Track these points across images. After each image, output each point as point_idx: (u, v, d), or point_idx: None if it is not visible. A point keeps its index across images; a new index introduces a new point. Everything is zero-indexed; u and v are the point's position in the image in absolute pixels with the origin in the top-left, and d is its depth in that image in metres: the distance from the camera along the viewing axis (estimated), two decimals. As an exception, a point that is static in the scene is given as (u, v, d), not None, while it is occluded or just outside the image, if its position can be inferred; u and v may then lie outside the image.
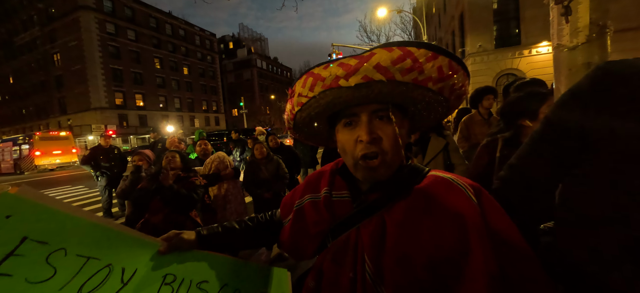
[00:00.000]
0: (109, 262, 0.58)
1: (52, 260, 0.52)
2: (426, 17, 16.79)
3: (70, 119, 33.50)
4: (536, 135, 0.75)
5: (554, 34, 1.39)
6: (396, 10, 15.45)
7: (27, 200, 0.54)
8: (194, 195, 2.52)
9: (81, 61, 31.39)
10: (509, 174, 0.80)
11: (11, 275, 0.47)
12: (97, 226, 0.61)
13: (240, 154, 5.34)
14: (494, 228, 0.55)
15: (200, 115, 45.23)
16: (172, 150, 2.72)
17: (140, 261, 0.63)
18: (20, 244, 0.50)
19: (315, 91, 0.61)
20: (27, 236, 0.51)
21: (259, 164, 3.61)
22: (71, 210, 0.59)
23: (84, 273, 0.54)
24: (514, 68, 15.64)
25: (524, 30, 15.11)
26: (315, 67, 0.61)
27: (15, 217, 0.51)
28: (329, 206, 0.71)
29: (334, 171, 0.77)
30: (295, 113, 0.68)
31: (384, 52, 0.55)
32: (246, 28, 73.89)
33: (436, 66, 0.56)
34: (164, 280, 0.63)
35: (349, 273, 0.62)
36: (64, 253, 0.54)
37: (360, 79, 0.55)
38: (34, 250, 0.51)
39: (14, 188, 0.53)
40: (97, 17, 32.06)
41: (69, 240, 0.55)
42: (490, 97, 3.22)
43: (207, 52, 48.27)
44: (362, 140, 0.61)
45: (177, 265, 0.68)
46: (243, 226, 0.86)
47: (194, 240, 0.75)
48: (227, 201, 3.60)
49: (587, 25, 1.26)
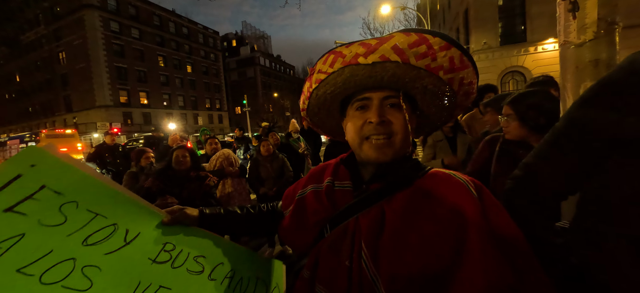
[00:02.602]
0: (115, 222, 0.63)
1: (64, 209, 0.57)
2: (430, 14, 16.64)
3: (75, 117, 33.85)
4: (557, 134, 0.70)
5: (561, 30, 1.37)
6: (400, 8, 15.34)
7: (51, 155, 0.60)
8: (212, 200, 2.45)
9: (86, 59, 31.63)
10: (524, 174, 0.75)
11: (26, 214, 0.53)
12: (109, 189, 0.66)
13: (244, 153, 5.35)
14: (494, 224, 0.55)
15: (204, 113, 45.42)
16: (181, 146, 2.53)
17: (144, 226, 0.67)
18: (39, 190, 0.55)
19: (335, 67, 0.63)
20: (46, 185, 0.56)
21: (264, 162, 3.62)
22: (88, 170, 0.64)
23: (91, 227, 0.59)
24: (519, 66, 15.47)
25: (529, 27, 14.92)
26: (338, 47, 0.63)
27: (38, 167, 0.57)
28: (331, 195, 0.73)
29: (338, 163, 0.79)
30: (312, 91, 0.71)
31: (402, 35, 0.58)
32: (249, 26, 73.93)
33: (448, 56, 0.59)
34: (163, 247, 0.67)
35: (345, 262, 0.63)
36: (75, 205, 0.59)
37: (378, 58, 0.58)
38: (49, 198, 0.56)
39: (43, 143, 0.57)
40: (102, 16, 32.25)
41: (81, 195, 0.60)
42: (490, 95, 3.21)
43: (210, 50, 48.37)
44: (372, 121, 0.63)
45: (178, 236, 0.72)
46: (245, 212, 0.88)
47: (197, 216, 0.78)
48: (232, 198, 3.62)
49: (594, 22, 1.23)
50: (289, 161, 3.79)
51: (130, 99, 35.05)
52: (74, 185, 0.60)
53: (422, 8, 19.84)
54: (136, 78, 35.83)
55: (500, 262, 0.52)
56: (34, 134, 18.66)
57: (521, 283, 0.52)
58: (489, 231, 0.54)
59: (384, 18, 22.49)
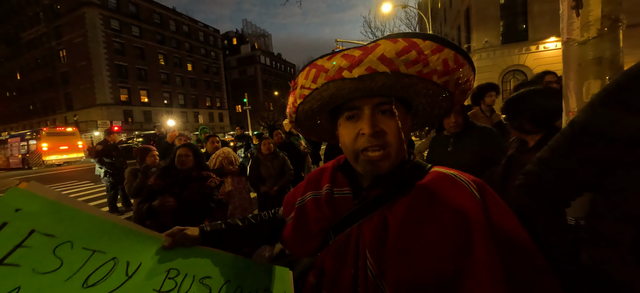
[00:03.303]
0: (114, 256, 0.60)
1: (58, 252, 0.54)
2: (431, 12, 16.57)
3: (76, 115, 33.91)
4: (575, 129, 0.66)
5: (564, 28, 1.35)
6: (401, 6, 15.27)
7: (36, 195, 0.55)
8: (211, 204, 2.36)
9: (86, 57, 31.63)
10: (538, 169, 0.71)
11: (19, 265, 0.49)
12: (102, 221, 0.62)
13: (245, 151, 5.34)
14: (498, 225, 0.54)
15: (204, 111, 45.41)
16: (184, 145, 2.46)
17: (144, 255, 0.65)
18: (28, 236, 0.52)
19: (318, 82, 0.59)
20: (35, 229, 0.53)
21: (264, 161, 3.61)
22: (78, 205, 0.60)
23: (90, 266, 0.56)
24: (521, 64, 15.42)
25: (531, 26, 14.87)
26: (319, 59, 0.59)
27: (24, 211, 0.53)
28: (331, 203, 0.71)
29: (335, 168, 0.76)
30: (298, 105, 0.67)
31: (388, 43, 0.53)
32: (250, 24, 73.78)
33: (441, 59, 0.54)
34: (167, 274, 0.65)
35: (350, 270, 0.62)
36: (70, 245, 0.55)
37: (364, 70, 0.54)
38: (41, 242, 0.53)
39: (23, 183, 0.55)
40: (102, 14, 32.23)
41: (75, 233, 0.57)
42: (492, 93, 3.20)
43: (210, 49, 48.33)
44: (364, 133, 0.60)
45: (181, 260, 0.69)
46: (246, 223, 0.87)
47: (198, 236, 0.76)
48: (232, 196, 3.62)
49: (598, 19, 1.22)
50: (290, 160, 3.79)
51: (131, 97, 35.07)
52: (65, 224, 0.56)
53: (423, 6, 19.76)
54: (137, 76, 35.83)
55: (506, 263, 0.51)
56: (35, 132, 18.70)
57: (525, 283, 0.51)
58: (493, 232, 0.53)
59: (385, 16, 22.43)
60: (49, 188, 0.58)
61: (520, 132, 1.41)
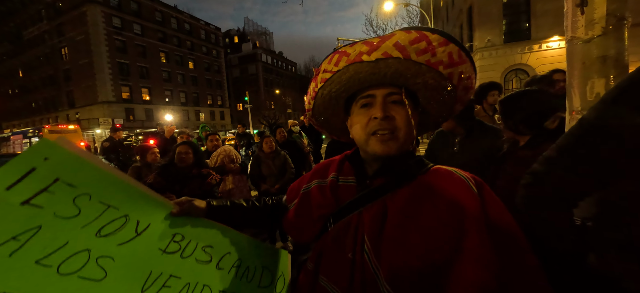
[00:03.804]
0: (126, 213, 0.65)
1: (78, 201, 0.59)
2: (434, 10, 16.51)
3: (78, 113, 34.01)
4: (584, 128, 0.64)
5: (568, 26, 1.34)
6: (403, 4, 15.21)
7: (63, 148, 0.60)
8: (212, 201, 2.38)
9: (88, 55, 31.69)
10: (545, 169, 0.70)
11: (42, 207, 0.54)
12: (120, 181, 0.67)
13: (246, 150, 5.34)
14: (494, 220, 0.56)
15: (206, 109, 45.48)
16: (184, 142, 2.46)
17: (154, 217, 0.70)
18: (53, 183, 0.57)
19: (340, 65, 0.66)
20: (59, 178, 0.58)
21: (265, 159, 3.61)
22: (100, 163, 0.66)
23: (104, 218, 0.61)
24: (523, 63, 15.34)
25: (534, 24, 14.78)
26: (343, 47, 0.66)
27: (51, 160, 0.58)
28: (335, 190, 0.75)
29: (343, 158, 0.81)
30: (317, 90, 0.73)
31: (403, 33, 0.61)
32: (251, 22, 73.73)
33: (447, 52, 0.61)
34: (173, 237, 0.70)
35: (348, 254, 0.65)
36: (88, 197, 0.60)
37: (381, 54, 0.61)
38: (63, 190, 0.58)
39: (54, 135, 0.58)
40: (104, 11, 32.25)
41: (94, 187, 0.62)
42: (495, 93, 3.18)
43: (212, 47, 48.32)
44: (377, 117, 0.66)
45: (187, 227, 0.74)
46: (250, 204, 0.92)
47: (204, 208, 0.81)
48: (232, 195, 3.63)
49: (603, 17, 1.20)
50: (292, 158, 3.79)
51: (133, 95, 35.13)
52: (86, 178, 0.61)
53: (425, 5, 19.69)
54: (138, 74, 35.88)
55: (496, 258, 0.53)
56: (37, 130, 18.74)
57: (515, 280, 0.53)
58: (487, 227, 0.55)
59: (387, 15, 22.35)
60: (76, 145, 0.63)
61: (514, 132, 1.41)
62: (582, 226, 0.72)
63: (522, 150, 1.36)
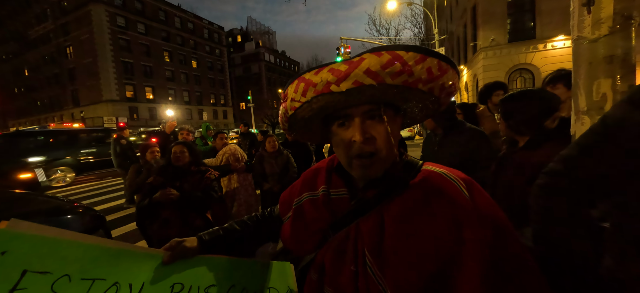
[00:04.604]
0: (115, 281, 0.58)
1: (57, 288, 0.51)
2: (437, 9, 16.41)
3: (82, 112, 34.32)
4: (607, 126, 0.62)
5: (574, 25, 1.33)
6: (406, 3, 15.14)
7: (19, 233, 0.52)
8: (213, 193, 2.40)
9: (93, 54, 31.97)
10: (563, 168, 0.67)
11: None
12: (96, 247, 0.60)
13: (249, 149, 5.35)
14: (485, 219, 0.57)
15: (209, 108, 45.66)
16: (180, 142, 2.53)
17: (145, 274, 0.63)
18: (22, 278, 0.49)
19: (308, 96, 0.61)
20: (27, 269, 0.50)
21: (268, 158, 3.63)
22: (67, 235, 0.58)
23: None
24: (528, 63, 15.22)
25: (539, 24, 14.65)
26: (307, 73, 0.61)
27: (11, 252, 0.50)
28: (328, 204, 0.73)
29: (330, 169, 0.78)
30: (289, 116, 0.69)
31: (373, 57, 0.55)
32: (254, 21, 73.79)
33: (425, 68, 0.56)
34: (172, 289, 0.64)
35: (350, 267, 0.64)
36: (67, 279, 0.53)
37: (351, 84, 0.55)
38: (36, 282, 0.50)
39: (3, 222, 0.52)
40: (108, 11, 32.49)
41: (70, 265, 0.54)
42: (500, 92, 3.14)
43: (215, 46, 48.50)
44: (356, 140, 0.62)
45: (183, 273, 0.68)
46: (243, 226, 0.89)
47: (197, 246, 0.76)
48: (238, 193, 3.64)
49: (610, 16, 1.19)
50: (299, 157, 3.79)
51: (136, 94, 35.38)
52: (57, 257, 0.54)
53: (429, 4, 19.59)
54: (142, 73, 36.11)
55: (495, 254, 0.53)
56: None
57: (515, 273, 0.54)
58: (481, 226, 0.56)
59: (390, 14, 22.26)
60: (32, 223, 0.54)
61: (514, 132, 1.40)
62: (600, 228, 0.70)
63: (522, 151, 1.36)
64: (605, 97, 1.24)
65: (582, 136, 0.68)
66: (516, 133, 1.40)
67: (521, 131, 1.38)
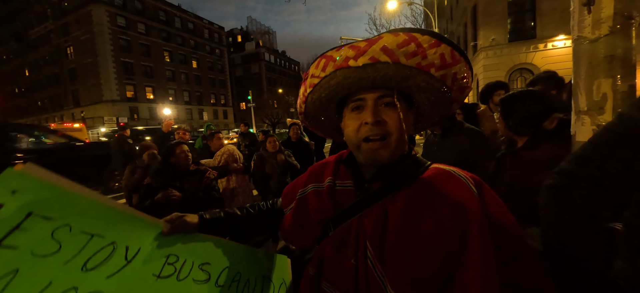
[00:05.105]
0: (113, 240, 0.59)
1: (57, 235, 0.53)
2: (438, 9, 16.40)
3: (83, 111, 34.36)
4: (624, 124, 0.60)
5: (575, 25, 1.32)
6: (407, 3, 15.12)
7: (32, 176, 0.54)
8: (214, 193, 2.41)
9: (93, 54, 31.98)
10: (575, 168, 0.65)
11: (16, 248, 0.48)
12: (101, 205, 0.61)
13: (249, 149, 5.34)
14: (494, 220, 0.56)
15: (209, 108, 45.68)
16: (180, 142, 2.51)
17: (143, 240, 0.64)
18: (26, 219, 0.51)
19: (327, 71, 0.63)
20: (32, 212, 0.51)
21: (269, 158, 3.63)
22: (76, 188, 0.59)
23: (88, 250, 0.55)
24: (528, 63, 15.20)
25: (539, 23, 14.63)
26: (329, 51, 0.64)
27: (20, 192, 0.51)
28: (332, 195, 0.73)
29: (338, 161, 0.78)
30: (307, 94, 0.71)
31: (390, 36, 0.58)
32: (254, 21, 73.81)
33: (439, 53, 0.58)
34: (166, 259, 0.65)
35: (350, 260, 0.64)
36: (68, 229, 0.54)
37: (368, 59, 0.58)
38: (39, 225, 0.51)
39: (20, 165, 0.54)
40: (108, 11, 32.50)
41: (73, 216, 0.56)
42: (501, 92, 3.14)
43: (215, 46, 48.49)
44: (367, 122, 0.63)
45: (180, 246, 0.69)
46: (245, 212, 0.89)
47: (197, 223, 0.78)
48: (236, 194, 3.64)
49: (611, 16, 1.19)
50: (302, 156, 3.79)
51: (137, 94, 35.40)
52: (63, 207, 0.55)
53: (429, 4, 19.57)
54: (142, 73, 36.14)
55: (501, 256, 0.53)
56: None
57: (521, 277, 0.53)
58: (489, 226, 0.55)
59: (391, 14, 22.23)
60: (47, 171, 0.56)
61: (513, 132, 1.40)
62: (612, 230, 0.68)
63: (521, 151, 1.36)
64: (605, 97, 1.24)
65: (595, 135, 0.66)
66: (515, 133, 1.40)
67: (520, 132, 1.38)
